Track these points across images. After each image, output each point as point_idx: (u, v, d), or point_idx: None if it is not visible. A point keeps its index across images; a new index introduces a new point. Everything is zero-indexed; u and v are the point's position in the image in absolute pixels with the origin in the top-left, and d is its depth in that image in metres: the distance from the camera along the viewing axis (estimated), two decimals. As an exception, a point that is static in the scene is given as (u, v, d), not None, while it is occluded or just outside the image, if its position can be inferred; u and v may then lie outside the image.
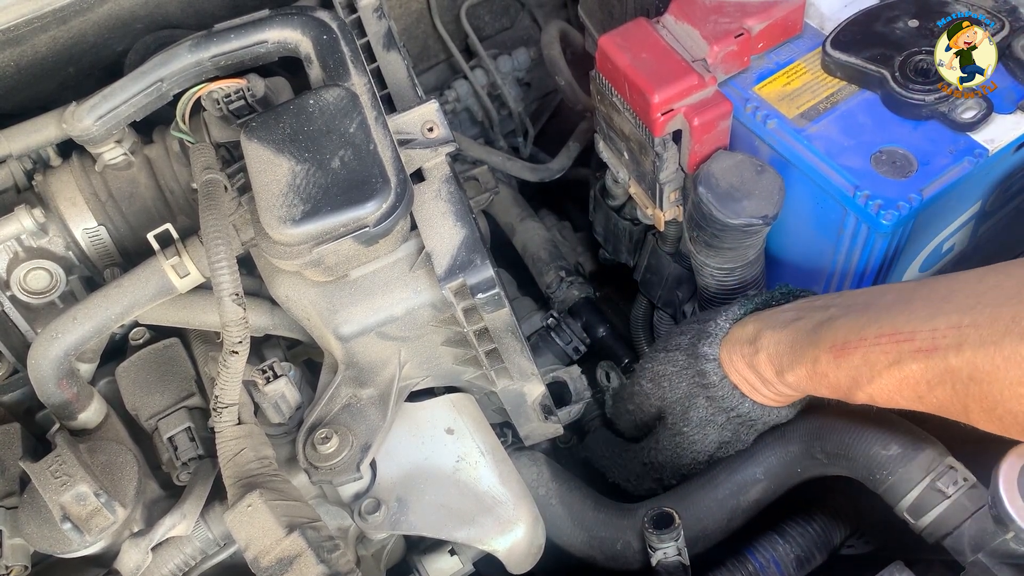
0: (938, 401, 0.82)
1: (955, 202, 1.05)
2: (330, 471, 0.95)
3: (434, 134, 0.98)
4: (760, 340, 1.00)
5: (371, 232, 0.87)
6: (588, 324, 1.48)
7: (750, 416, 1.07)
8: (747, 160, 1.08)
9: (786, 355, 0.96)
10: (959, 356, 0.78)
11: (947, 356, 0.79)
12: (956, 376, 0.79)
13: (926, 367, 0.81)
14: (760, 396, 1.04)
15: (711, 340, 1.06)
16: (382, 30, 1.13)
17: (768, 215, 1.05)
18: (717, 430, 1.11)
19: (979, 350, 0.76)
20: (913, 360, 0.82)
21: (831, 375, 0.91)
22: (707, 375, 1.07)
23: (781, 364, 0.97)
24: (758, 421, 1.08)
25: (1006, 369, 0.74)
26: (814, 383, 0.94)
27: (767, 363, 0.99)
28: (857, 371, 0.87)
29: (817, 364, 0.92)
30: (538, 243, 1.56)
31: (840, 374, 0.90)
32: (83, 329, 0.94)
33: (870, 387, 0.87)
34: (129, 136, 1.08)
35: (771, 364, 0.98)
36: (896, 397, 0.86)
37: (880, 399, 0.88)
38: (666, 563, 1.07)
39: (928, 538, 0.98)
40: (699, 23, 1.09)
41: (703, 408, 1.10)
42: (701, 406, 1.10)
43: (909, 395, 0.84)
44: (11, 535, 0.92)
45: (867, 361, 0.86)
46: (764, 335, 0.99)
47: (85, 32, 1.21)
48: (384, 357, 1.01)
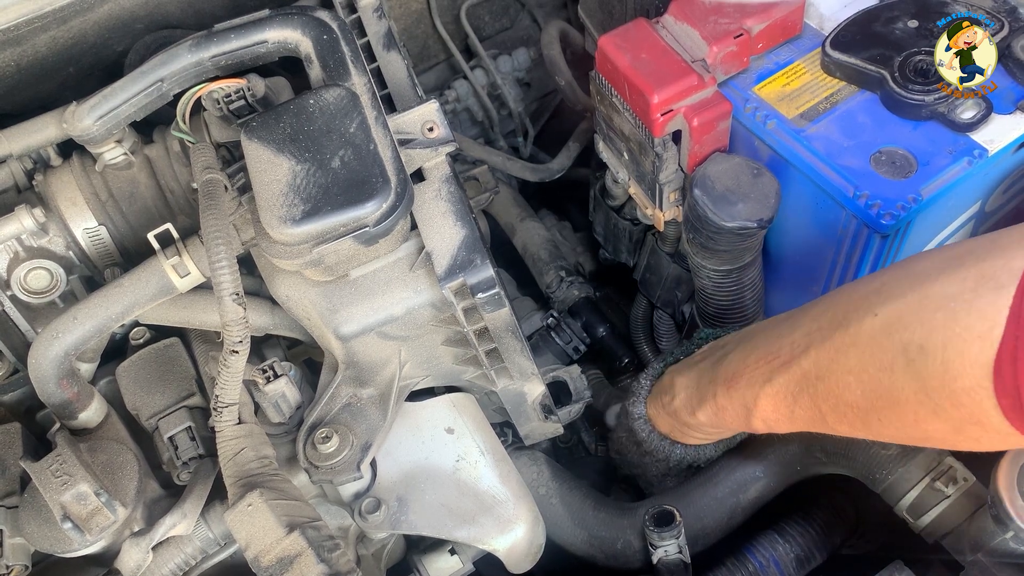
0: (804, 413, 0.87)
1: (955, 202, 1.05)
2: (330, 470, 0.95)
3: (434, 134, 0.98)
4: (674, 387, 1.07)
5: (371, 232, 0.87)
6: (588, 324, 1.49)
7: (684, 460, 1.14)
8: (743, 163, 1.08)
9: (694, 396, 1.03)
10: (807, 358, 0.84)
11: (801, 362, 0.85)
12: (808, 379, 0.84)
13: (788, 378, 0.87)
14: (691, 439, 1.11)
15: (635, 400, 1.15)
16: (382, 30, 1.13)
17: (763, 219, 1.05)
18: (675, 480, 1.19)
19: (820, 348, 0.82)
20: (779, 374, 0.88)
21: (728, 407, 0.97)
22: (636, 433, 1.14)
23: (691, 405, 1.03)
24: (697, 460, 1.14)
25: (837, 360, 0.80)
26: (719, 417, 1.00)
27: (682, 407, 1.05)
28: (744, 398, 0.93)
29: (717, 398, 0.98)
30: (538, 243, 1.56)
31: (734, 404, 0.96)
32: (83, 329, 0.94)
33: (757, 411, 0.92)
34: (129, 136, 1.08)
35: (686, 407, 1.05)
36: (776, 416, 0.91)
37: (770, 421, 0.93)
38: (667, 561, 1.08)
39: (928, 537, 0.98)
40: (699, 23, 1.09)
41: (651, 465, 1.18)
42: (650, 463, 1.18)
43: (784, 412, 0.90)
44: (12, 534, 0.92)
45: (750, 386, 0.92)
46: (676, 382, 1.07)
47: (85, 32, 1.21)
48: (384, 357, 1.01)
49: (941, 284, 0.73)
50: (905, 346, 0.74)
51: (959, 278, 0.72)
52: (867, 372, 0.78)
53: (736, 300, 1.20)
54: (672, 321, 1.48)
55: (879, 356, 0.77)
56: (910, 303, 0.75)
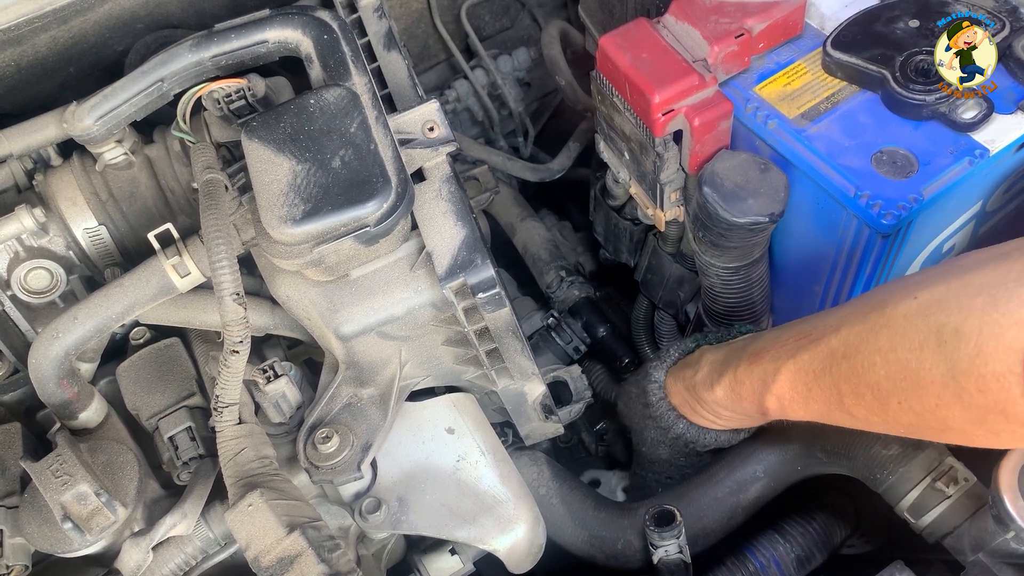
0: (821, 394, 0.88)
1: (956, 202, 1.05)
2: (331, 470, 0.95)
3: (435, 134, 0.98)
4: (700, 362, 1.08)
5: (372, 232, 0.87)
6: (588, 324, 1.48)
7: (685, 437, 1.14)
8: (751, 159, 1.08)
9: (716, 370, 1.03)
10: (837, 336, 0.86)
11: (830, 340, 0.86)
12: (834, 357, 0.86)
13: (813, 354, 0.88)
14: (700, 418, 1.11)
15: (658, 365, 1.15)
16: (382, 30, 1.13)
17: (775, 212, 1.06)
18: (667, 451, 1.18)
19: (852, 327, 0.85)
20: (806, 350, 0.89)
21: (747, 381, 0.98)
22: (647, 394, 1.15)
23: (712, 379, 1.04)
24: (696, 443, 1.14)
25: (867, 339, 0.82)
26: (735, 392, 1.00)
27: (703, 381, 1.06)
28: (765, 371, 0.94)
29: (737, 372, 0.99)
30: (538, 243, 1.56)
31: (753, 378, 0.96)
32: (84, 328, 0.94)
33: (774, 386, 0.93)
34: (130, 136, 1.08)
35: (705, 382, 1.05)
36: (792, 395, 0.92)
37: (785, 400, 0.93)
38: (668, 561, 1.08)
39: (928, 538, 0.98)
40: (700, 23, 1.09)
41: (652, 429, 1.18)
42: (650, 427, 1.17)
43: (802, 390, 0.91)
44: (12, 534, 0.92)
45: (774, 360, 0.93)
46: (704, 356, 1.08)
47: (85, 32, 1.21)
48: (385, 357, 1.01)
49: (985, 274, 0.74)
50: (940, 328, 0.74)
51: (1004, 269, 0.73)
52: (895, 352, 0.78)
53: (745, 297, 1.20)
54: (674, 321, 1.48)
55: (911, 336, 0.77)
56: (951, 288, 0.75)
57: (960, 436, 0.81)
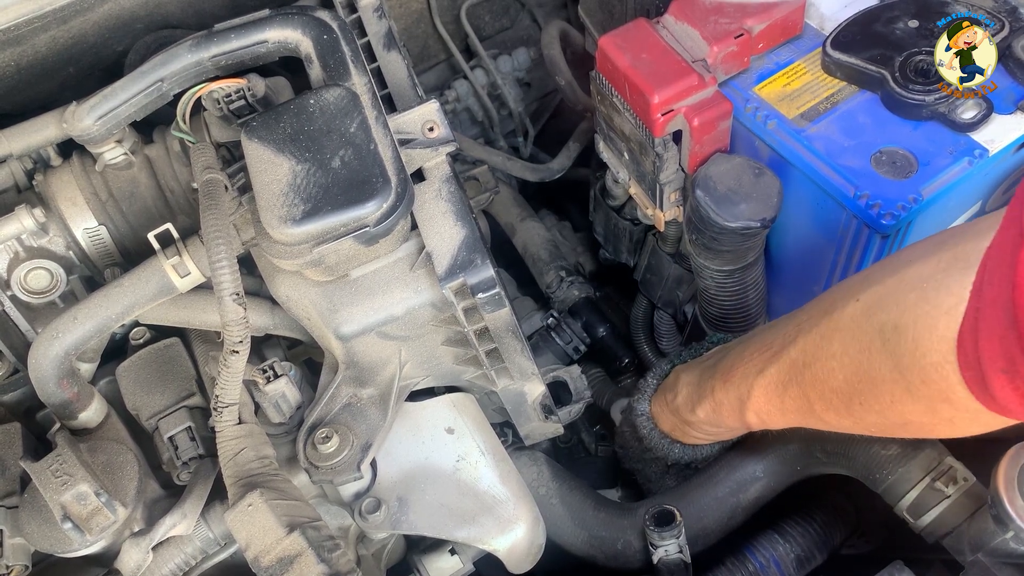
0: (793, 403, 0.89)
1: (955, 202, 1.05)
2: (331, 471, 0.95)
3: (434, 134, 0.98)
4: (678, 384, 1.08)
5: (371, 232, 0.87)
6: (588, 324, 1.49)
7: (682, 460, 1.15)
8: (745, 163, 1.08)
9: (695, 392, 1.04)
10: (795, 347, 0.86)
11: (790, 351, 0.87)
12: (796, 368, 0.86)
13: (778, 368, 0.89)
14: (691, 438, 1.12)
15: (640, 397, 1.16)
16: (382, 30, 1.13)
17: (766, 218, 1.05)
18: (673, 479, 1.20)
19: (807, 336, 0.85)
20: (770, 364, 0.90)
21: (725, 401, 0.98)
22: (638, 429, 1.15)
23: (692, 402, 1.05)
24: (695, 462, 1.15)
25: (822, 346, 0.83)
26: (717, 414, 1.01)
27: (684, 404, 1.06)
28: (739, 390, 0.95)
29: (715, 393, 1.00)
30: (538, 243, 1.56)
31: (730, 397, 0.97)
32: (84, 329, 0.94)
33: (750, 403, 0.94)
34: (129, 136, 1.08)
35: (687, 404, 1.06)
36: (768, 408, 0.93)
37: (763, 414, 0.94)
38: (667, 561, 1.08)
39: (928, 537, 0.98)
40: (699, 23, 1.09)
41: (651, 463, 1.19)
42: (649, 461, 1.19)
43: (776, 403, 0.91)
44: (12, 534, 0.92)
45: (744, 378, 0.94)
46: (680, 379, 1.08)
47: (85, 32, 1.21)
48: (384, 357, 1.01)
49: (918, 267, 0.76)
50: (882, 326, 0.76)
51: (935, 260, 0.75)
52: (848, 355, 0.80)
53: (739, 300, 1.20)
54: (673, 321, 1.48)
55: (859, 338, 0.79)
56: (888, 286, 0.77)
57: (921, 429, 0.82)
